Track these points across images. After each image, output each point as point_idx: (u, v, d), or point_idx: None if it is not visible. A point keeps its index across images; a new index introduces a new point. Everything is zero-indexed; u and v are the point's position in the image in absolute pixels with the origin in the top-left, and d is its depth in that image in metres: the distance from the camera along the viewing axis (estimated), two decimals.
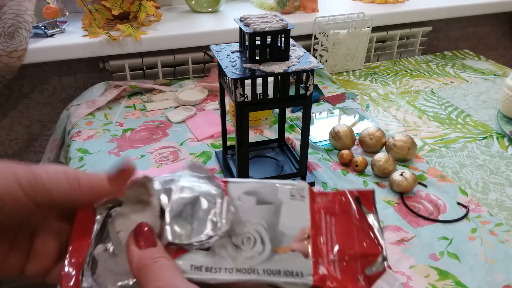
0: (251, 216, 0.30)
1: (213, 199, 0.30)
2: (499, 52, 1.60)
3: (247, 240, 0.29)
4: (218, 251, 0.29)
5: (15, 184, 0.26)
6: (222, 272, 0.28)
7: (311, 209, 0.31)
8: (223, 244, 0.29)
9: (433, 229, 0.63)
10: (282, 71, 0.56)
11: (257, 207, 0.30)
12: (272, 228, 0.30)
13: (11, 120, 1.10)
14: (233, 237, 0.29)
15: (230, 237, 0.29)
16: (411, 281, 0.54)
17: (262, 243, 0.29)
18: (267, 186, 0.32)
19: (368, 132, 0.79)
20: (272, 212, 0.30)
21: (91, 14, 0.99)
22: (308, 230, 0.30)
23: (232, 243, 0.29)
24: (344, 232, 0.30)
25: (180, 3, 1.20)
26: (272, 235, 0.29)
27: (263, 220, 0.30)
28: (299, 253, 0.28)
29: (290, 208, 0.31)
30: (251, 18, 0.59)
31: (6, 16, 0.87)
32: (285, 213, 0.30)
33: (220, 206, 0.30)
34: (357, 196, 0.31)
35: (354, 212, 0.31)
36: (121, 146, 0.81)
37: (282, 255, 0.28)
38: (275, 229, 0.29)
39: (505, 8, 1.31)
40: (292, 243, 0.29)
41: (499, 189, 0.71)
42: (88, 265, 0.28)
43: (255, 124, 0.87)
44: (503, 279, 0.55)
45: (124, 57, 1.02)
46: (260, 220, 0.30)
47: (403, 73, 1.14)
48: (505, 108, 0.89)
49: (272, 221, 0.30)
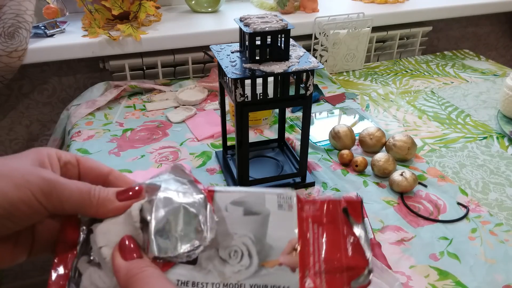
0: (238, 228, 0.29)
1: (197, 208, 0.29)
2: (499, 52, 1.60)
3: (234, 253, 0.29)
4: (205, 264, 0.28)
5: (29, 193, 0.27)
6: (209, 287, 0.28)
7: (299, 219, 0.30)
8: (210, 257, 0.29)
9: (433, 229, 0.63)
10: (282, 71, 0.56)
11: (244, 218, 0.30)
12: (260, 240, 0.29)
13: (11, 120, 1.10)
14: (220, 250, 0.29)
15: (217, 250, 0.29)
16: (411, 281, 0.54)
17: (249, 257, 0.29)
18: (255, 195, 0.31)
19: (368, 132, 0.79)
20: (260, 223, 0.30)
21: (91, 14, 0.99)
22: (295, 242, 0.29)
23: (219, 256, 0.29)
24: (332, 243, 0.30)
25: (180, 3, 1.20)
26: (260, 248, 0.29)
27: (251, 232, 0.29)
28: (287, 267, 0.28)
29: (278, 218, 0.30)
30: (251, 18, 0.59)
31: (6, 16, 0.87)
32: (273, 224, 0.30)
33: (204, 215, 0.29)
34: (345, 207, 0.31)
35: (342, 223, 0.30)
36: (121, 146, 0.81)
37: (269, 269, 0.28)
38: (263, 242, 0.29)
39: (505, 8, 1.31)
40: (280, 257, 0.29)
41: (499, 189, 0.71)
42: (73, 277, 0.28)
43: (255, 124, 0.87)
44: (503, 279, 0.55)
45: (124, 57, 1.02)
46: (248, 232, 0.29)
47: (403, 73, 1.14)
48: (505, 108, 0.89)
49: (260, 233, 0.29)
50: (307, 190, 0.69)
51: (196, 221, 0.29)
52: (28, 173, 0.27)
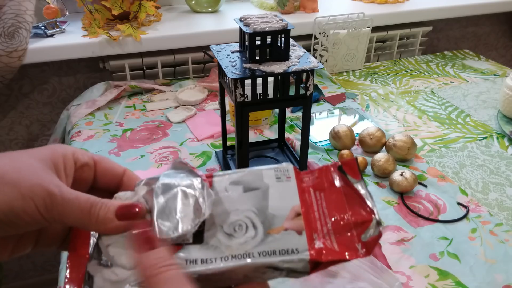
0: (240, 204, 0.30)
1: (193, 189, 0.30)
2: (499, 52, 1.60)
3: (238, 227, 0.29)
4: (212, 242, 0.29)
5: (33, 205, 0.27)
6: (218, 261, 0.28)
7: (299, 189, 0.31)
8: (215, 235, 0.29)
9: (433, 229, 0.63)
10: (282, 71, 0.56)
11: (245, 195, 0.30)
12: (262, 212, 0.30)
13: (11, 120, 1.10)
14: (224, 227, 0.29)
15: (222, 227, 0.29)
16: (411, 281, 0.54)
17: (254, 228, 0.29)
18: (252, 173, 0.32)
19: (368, 132, 0.79)
20: (260, 197, 0.30)
21: (91, 14, 0.99)
22: (298, 208, 0.30)
23: (224, 232, 0.29)
24: (335, 205, 0.30)
25: (180, 3, 1.20)
26: (263, 219, 0.29)
27: (253, 206, 0.30)
28: (293, 231, 0.29)
29: (278, 190, 0.31)
30: (251, 18, 0.59)
31: (6, 16, 0.87)
32: (273, 195, 0.30)
33: (201, 193, 0.30)
34: (340, 166, 0.31)
35: (341, 183, 0.31)
36: (121, 146, 0.81)
37: (275, 235, 0.29)
38: (266, 213, 0.30)
39: (505, 8, 1.31)
40: (284, 223, 0.29)
41: (499, 189, 0.71)
42: (87, 280, 0.28)
43: (255, 124, 0.87)
44: (503, 279, 0.55)
45: (124, 57, 1.02)
46: (250, 207, 0.30)
47: (403, 73, 1.14)
48: (505, 108, 0.89)
49: (262, 206, 0.30)
50: None
51: (194, 201, 0.29)
52: (35, 184, 0.27)
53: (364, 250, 0.28)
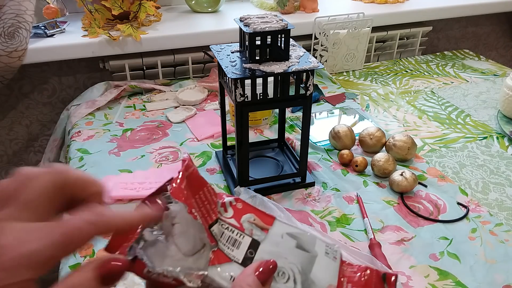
0: (289, 256, 0.33)
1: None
2: (499, 52, 1.60)
3: (282, 274, 0.32)
4: None
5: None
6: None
7: (340, 272, 0.34)
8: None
9: (433, 229, 0.63)
10: (282, 71, 0.56)
11: (296, 250, 0.33)
12: (305, 273, 0.32)
13: (11, 120, 1.10)
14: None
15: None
16: (411, 281, 0.54)
17: (294, 282, 0.32)
18: (307, 235, 0.34)
19: (368, 132, 0.79)
20: (308, 259, 0.33)
21: (91, 14, 0.99)
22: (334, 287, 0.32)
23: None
24: None
25: (180, 3, 1.20)
26: (304, 279, 0.32)
27: (299, 263, 0.33)
28: None
29: (324, 262, 0.33)
30: (251, 18, 0.59)
31: (6, 16, 0.87)
32: (318, 265, 0.33)
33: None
34: (384, 274, 0.34)
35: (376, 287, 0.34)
36: (121, 146, 0.81)
37: None
38: (307, 275, 0.32)
39: (505, 8, 1.31)
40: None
41: (499, 189, 0.71)
42: (138, 241, 0.29)
43: (255, 124, 0.87)
44: (503, 279, 0.55)
45: (124, 57, 1.02)
46: (297, 262, 0.33)
47: (403, 73, 1.14)
48: (505, 108, 0.89)
49: (306, 267, 0.33)
50: (307, 190, 0.69)
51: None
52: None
53: None
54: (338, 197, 0.68)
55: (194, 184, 0.32)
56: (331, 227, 0.62)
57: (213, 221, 0.33)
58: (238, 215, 0.34)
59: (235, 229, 0.33)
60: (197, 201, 0.32)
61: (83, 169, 0.75)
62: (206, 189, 0.33)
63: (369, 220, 0.64)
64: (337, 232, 0.62)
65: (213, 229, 0.32)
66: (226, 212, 0.34)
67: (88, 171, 0.74)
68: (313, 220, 0.63)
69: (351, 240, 0.60)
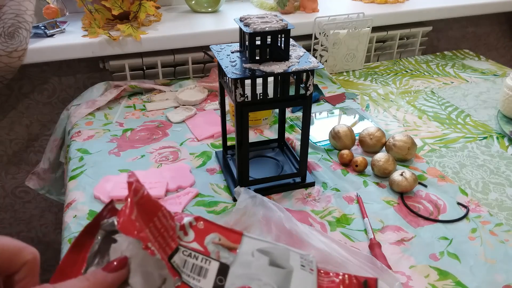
0: (263, 275, 0.30)
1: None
2: (499, 52, 1.60)
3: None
4: None
5: None
6: None
7: (318, 284, 0.32)
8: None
9: (433, 229, 0.63)
10: (282, 71, 0.56)
11: (270, 268, 0.31)
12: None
13: (11, 120, 1.10)
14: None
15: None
16: (411, 281, 0.54)
17: None
18: (280, 249, 0.32)
19: (368, 132, 0.79)
20: (283, 276, 0.31)
21: (91, 14, 0.99)
22: None
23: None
24: None
25: (180, 3, 1.20)
26: None
27: (275, 283, 0.30)
28: None
29: (300, 277, 0.31)
30: (251, 18, 0.59)
31: (6, 16, 0.87)
32: (295, 281, 0.31)
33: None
34: (365, 280, 0.32)
35: None
36: (121, 146, 0.81)
37: None
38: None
39: (505, 8, 1.31)
40: None
41: (499, 189, 0.71)
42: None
43: (255, 124, 0.87)
44: (503, 279, 0.55)
45: (124, 57, 1.02)
46: (272, 282, 0.30)
47: (403, 73, 1.14)
48: (505, 108, 0.89)
49: (283, 286, 0.30)
50: (307, 190, 0.69)
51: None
52: None
53: None
54: (338, 197, 0.68)
55: (147, 210, 0.27)
56: (331, 227, 0.62)
57: (173, 250, 0.28)
58: (201, 237, 0.30)
59: (199, 254, 0.29)
60: (152, 231, 0.27)
61: (83, 169, 0.75)
62: (161, 213, 0.28)
63: (369, 220, 0.64)
64: (337, 232, 0.62)
65: (174, 260, 0.28)
66: (187, 235, 0.30)
67: (88, 171, 0.74)
68: (313, 220, 0.63)
69: (351, 240, 0.60)
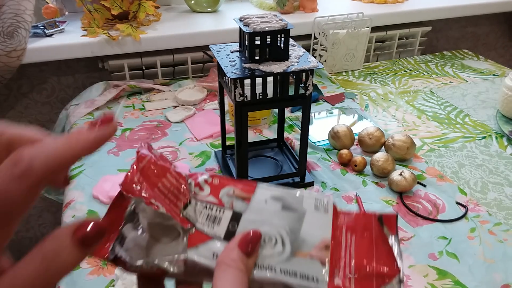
0: (275, 219, 0.31)
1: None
2: (498, 52, 1.61)
3: (268, 239, 0.30)
4: None
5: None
6: None
7: (333, 224, 0.32)
8: None
9: (432, 229, 0.63)
10: (282, 71, 0.56)
11: (282, 212, 0.31)
12: (294, 233, 0.31)
13: (10, 120, 1.10)
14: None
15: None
16: (410, 280, 0.55)
17: (283, 245, 0.30)
18: (293, 194, 0.33)
19: (367, 132, 0.79)
20: (296, 219, 0.31)
21: (90, 14, 0.99)
22: (328, 241, 0.30)
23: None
24: (363, 250, 0.31)
25: (179, 3, 1.20)
26: (293, 240, 0.30)
27: (287, 225, 0.31)
28: (317, 260, 0.29)
29: (313, 218, 0.32)
30: (250, 18, 0.59)
31: (5, 15, 0.86)
32: (308, 222, 0.31)
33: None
34: (380, 216, 0.32)
35: (376, 232, 0.31)
36: (120, 146, 0.81)
37: (300, 259, 0.29)
38: (297, 235, 0.30)
39: (504, 8, 1.31)
40: (312, 250, 0.30)
41: (498, 188, 0.71)
42: (118, 239, 0.29)
43: (255, 124, 0.87)
44: (502, 279, 0.55)
45: (123, 57, 1.02)
46: (284, 224, 0.31)
47: (402, 73, 1.14)
48: (504, 108, 0.90)
49: (295, 227, 0.31)
50: (306, 190, 0.69)
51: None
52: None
53: None
54: (337, 196, 0.68)
55: (154, 173, 0.31)
56: None
57: (185, 204, 0.31)
58: (216, 190, 0.33)
59: (214, 205, 0.32)
60: (161, 189, 0.30)
61: (81, 168, 0.75)
62: (169, 174, 0.31)
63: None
64: None
65: (186, 211, 0.31)
66: (202, 190, 0.33)
67: (87, 171, 0.74)
68: None
69: None
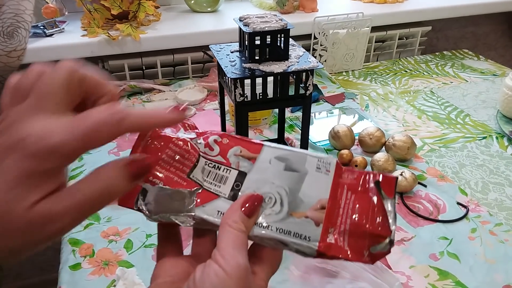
0: (276, 179, 0.33)
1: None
2: (498, 52, 1.60)
3: (268, 199, 0.32)
4: None
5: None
6: None
7: (334, 183, 0.33)
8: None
9: (433, 229, 0.63)
10: (282, 71, 0.56)
11: (284, 173, 0.33)
12: (293, 193, 0.32)
13: None
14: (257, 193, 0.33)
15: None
16: (411, 281, 0.54)
17: (281, 205, 0.32)
18: (298, 154, 0.34)
19: (368, 132, 0.79)
20: (296, 179, 0.33)
21: (90, 14, 0.99)
22: (325, 202, 0.32)
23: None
24: (361, 210, 0.32)
25: (179, 2, 1.20)
26: (291, 200, 0.32)
27: (286, 185, 0.32)
28: (312, 221, 0.31)
29: (314, 179, 0.33)
30: (250, 18, 0.59)
31: (5, 15, 0.86)
32: (308, 182, 0.33)
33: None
34: (377, 181, 0.33)
35: (374, 194, 0.33)
36: (120, 146, 0.81)
37: (296, 219, 0.31)
38: (295, 195, 0.32)
39: (504, 8, 1.31)
40: (308, 211, 0.31)
41: (498, 189, 0.71)
42: (142, 192, 0.32)
43: (255, 124, 0.87)
44: (503, 279, 0.55)
45: (123, 57, 1.02)
46: (284, 185, 0.32)
47: (403, 73, 1.14)
48: (504, 108, 0.90)
49: (294, 188, 0.32)
50: None
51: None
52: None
53: (368, 259, 0.30)
54: None
55: (156, 147, 0.33)
56: None
57: (191, 168, 0.33)
58: (224, 150, 0.34)
59: (221, 165, 0.34)
60: (166, 160, 0.33)
61: (82, 169, 0.75)
62: (172, 144, 0.33)
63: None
64: None
65: (193, 174, 0.33)
66: (212, 150, 0.34)
67: (88, 170, 0.74)
68: None
69: None
